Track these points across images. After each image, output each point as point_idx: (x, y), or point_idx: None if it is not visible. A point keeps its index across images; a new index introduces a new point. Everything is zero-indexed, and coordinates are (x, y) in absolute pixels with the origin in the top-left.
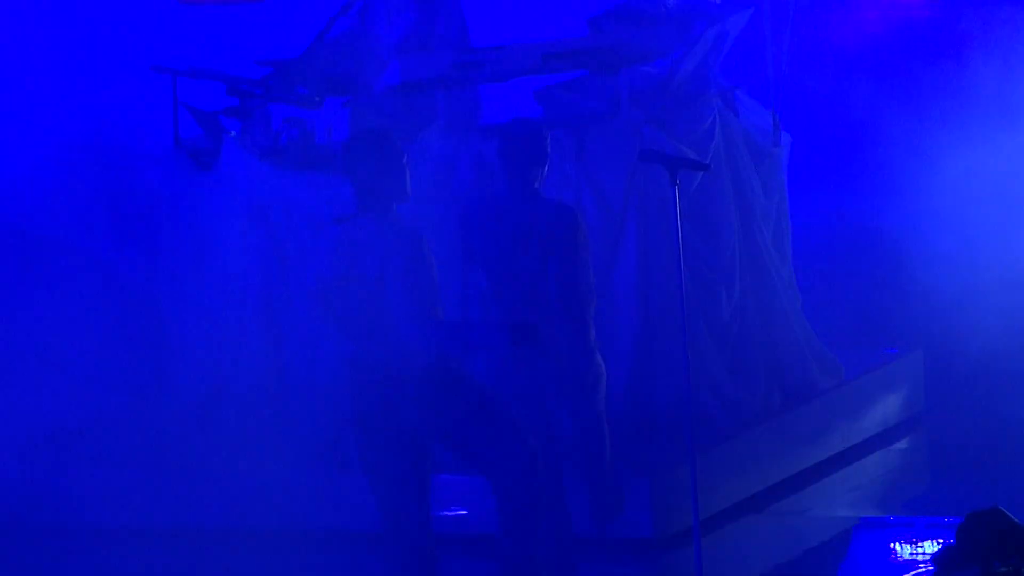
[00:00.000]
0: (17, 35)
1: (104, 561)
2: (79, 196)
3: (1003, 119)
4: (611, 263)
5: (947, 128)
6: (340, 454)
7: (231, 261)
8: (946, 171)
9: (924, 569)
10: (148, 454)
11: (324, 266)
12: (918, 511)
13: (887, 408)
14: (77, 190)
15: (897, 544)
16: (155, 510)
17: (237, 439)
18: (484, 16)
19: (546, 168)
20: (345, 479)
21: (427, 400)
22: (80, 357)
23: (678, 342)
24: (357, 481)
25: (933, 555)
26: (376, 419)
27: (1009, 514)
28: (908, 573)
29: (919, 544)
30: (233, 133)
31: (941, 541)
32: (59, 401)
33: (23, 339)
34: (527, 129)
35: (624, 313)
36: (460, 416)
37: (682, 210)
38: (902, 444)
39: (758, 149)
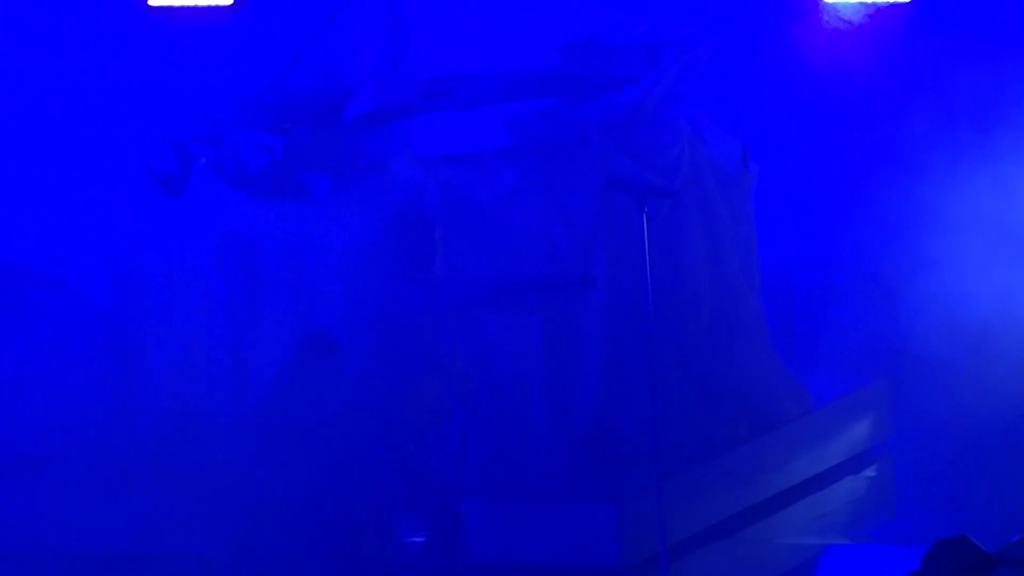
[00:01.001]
0: None
1: None
2: (47, 222)
3: (974, 145)
4: (579, 291)
5: (915, 154)
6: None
7: (200, 288)
8: (917, 197)
9: None
10: (116, 479)
11: None
12: (885, 539)
13: (854, 435)
14: (45, 216)
15: (863, 573)
16: (125, 534)
17: (203, 465)
18: (454, 43)
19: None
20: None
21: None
22: (45, 384)
23: (644, 369)
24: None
25: None
26: None
27: (975, 542)
28: None
29: (885, 573)
30: (203, 160)
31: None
32: (24, 428)
33: None
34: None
35: (591, 340)
36: None
37: (650, 237)
38: (870, 472)
39: (726, 176)
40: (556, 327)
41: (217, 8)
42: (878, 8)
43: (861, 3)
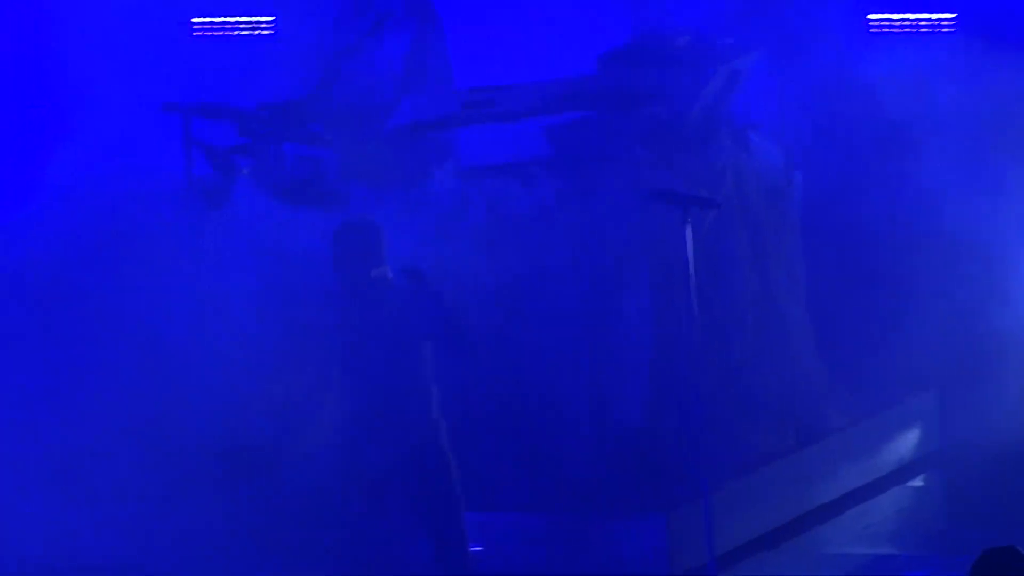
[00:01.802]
0: (29, 70)
1: None
2: (87, 235)
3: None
4: (622, 302)
5: (965, 164)
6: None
7: (242, 300)
8: (965, 209)
9: None
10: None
11: None
12: (933, 549)
13: (901, 446)
14: (85, 229)
15: None
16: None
17: (244, 479)
18: (495, 54)
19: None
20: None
21: None
22: (86, 399)
23: (691, 380)
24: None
25: None
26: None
27: None
28: None
29: None
30: (245, 171)
31: None
32: (63, 443)
33: (30, 380)
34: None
35: (635, 352)
36: None
37: (694, 249)
38: (917, 482)
39: (770, 187)
40: (600, 338)
41: (259, 23)
42: (923, 21)
43: (905, 17)
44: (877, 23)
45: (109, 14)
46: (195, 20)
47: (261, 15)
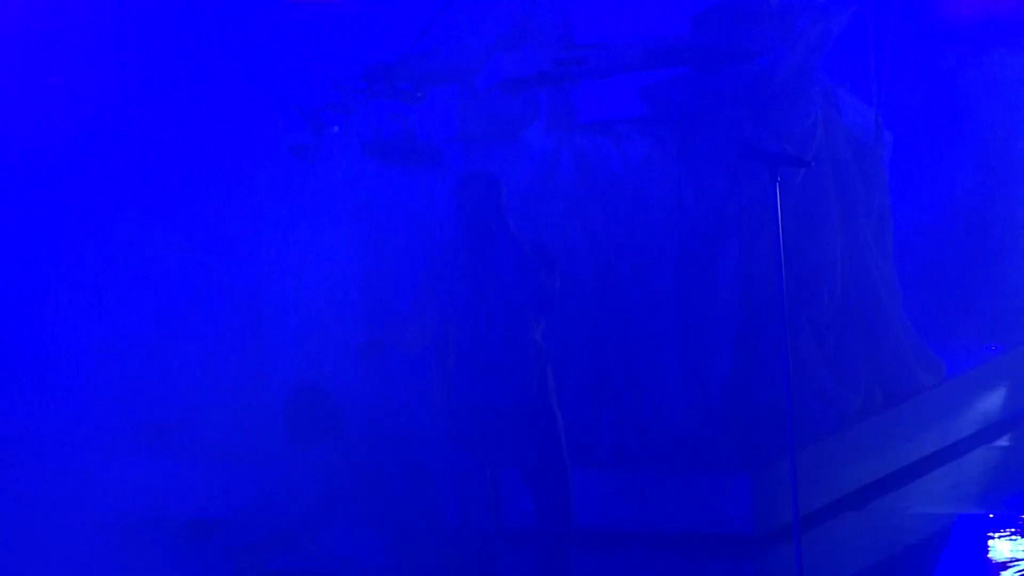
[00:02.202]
0: (124, 32)
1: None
2: (183, 194)
3: None
4: (713, 260)
5: None
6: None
7: (333, 257)
8: None
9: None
10: (247, 448)
11: None
12: (1019, 508)
13: (988, 405)
14: (181, 187)
15: (997, 541)
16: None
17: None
18: (587, 12)
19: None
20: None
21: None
22: (181, 354)
23: (779, 339)
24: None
25: None
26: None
27: None
28: (1008, 570)
29: (1020, 541)
30: (336, 128)
31: None
32: (159, 396)
33: (124, 335)
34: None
35: (725, 310)
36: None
37: (783, 207)
38: (1003, 441)
39: (860, 146)
40: (690, 296)
41: None
42: None
43: None
44: None
45: None
46: None
47: None
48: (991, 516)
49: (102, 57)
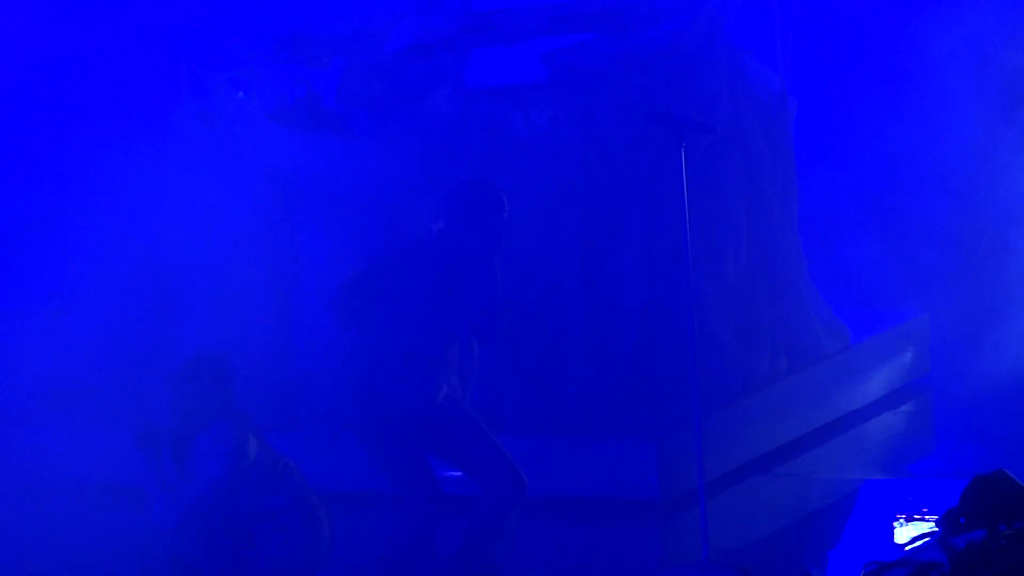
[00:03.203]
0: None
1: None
2: (87, 159)
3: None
4: (619, 225)
5: (952, 85)
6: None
7: (238, 224)
8: (955, 128)
9: (929, 531)
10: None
11: None
12: (924, 474)
13: (893, 371)
14: (84, 153)
15: (902, 506)
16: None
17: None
18: None
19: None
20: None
21: None
22: (87, 322)
23: (684, 305)
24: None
25: (938, 518)
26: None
27: (1014, 477)
28: (913, 536)
29: (924, 507)
30: (241, 94)
31: (948, 504)
32: (66, 364)
33: (27, 301)
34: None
35: (631, 275)
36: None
37: (688, 173)
38: (908, 407)
39: (765, 113)
40: (596, 261)
41: None
42: None
43: None
44: None
45: None
46: None
47: None
48: (896, 481)
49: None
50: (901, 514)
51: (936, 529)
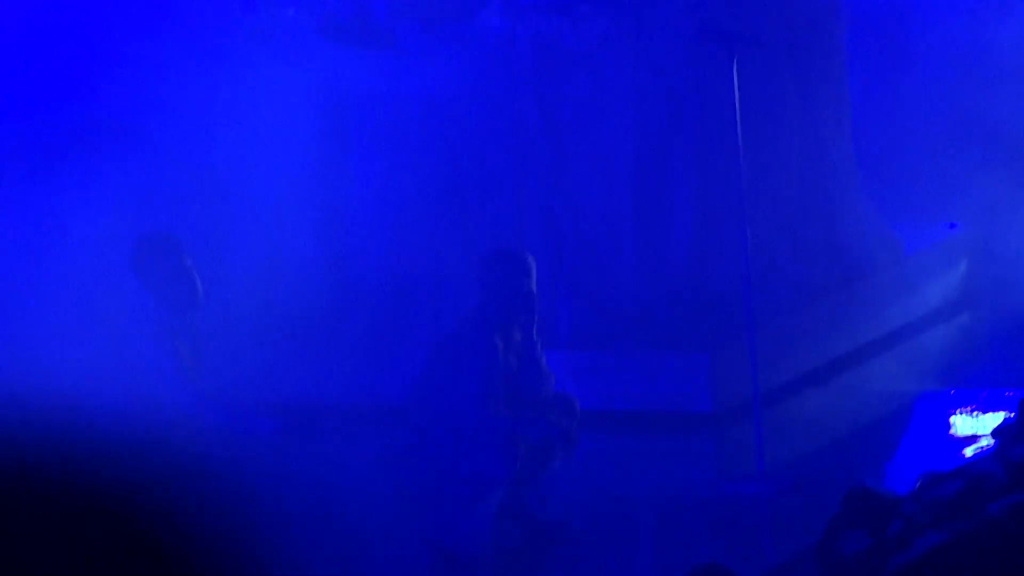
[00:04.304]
0: None
1: None
2: (136, 74)
3: None
4: (671, 142)
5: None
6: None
7: (289, 138)
8: (986, 39)
9: (985, 442)
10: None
11: None
12: (979, 385)
13: (948, 282)
14: (134, 69)
15: (958, 417)
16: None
17: (293, 320)
18: None
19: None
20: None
21: None
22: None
23: (736, 217)
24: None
25: (994, 428)
26: None
27: (883, 489)
28: (969, 446)
29: (980, 417)
30: (291, 11)
31: (1002, 414)
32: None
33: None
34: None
35: (682, 189)
36: None
37: (740, 87)
38: (963, 318)
39: (820, 25)
40: (647, 176)
41: None
42: None
43: None
44: None
45: None
46: None
47: None
48: (952, 392)
49: None
50: (957, 425)
51: (993, 440)
